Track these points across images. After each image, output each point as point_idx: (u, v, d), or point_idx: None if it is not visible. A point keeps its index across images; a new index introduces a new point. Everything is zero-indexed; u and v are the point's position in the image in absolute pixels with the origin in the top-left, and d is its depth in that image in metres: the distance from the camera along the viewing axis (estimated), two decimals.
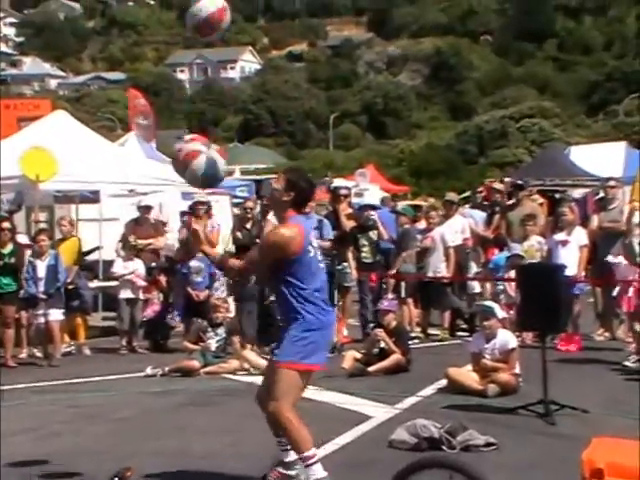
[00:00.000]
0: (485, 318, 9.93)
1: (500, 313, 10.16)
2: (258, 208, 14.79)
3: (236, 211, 18.05)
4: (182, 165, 6.31)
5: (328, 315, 6.29)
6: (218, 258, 6.67)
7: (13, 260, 12.44)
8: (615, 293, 12.68)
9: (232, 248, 13.14)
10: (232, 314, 12.83)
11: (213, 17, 6.85)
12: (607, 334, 13.23)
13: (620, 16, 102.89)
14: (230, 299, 13.33)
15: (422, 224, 14.94)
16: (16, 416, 9.01)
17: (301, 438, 5.99)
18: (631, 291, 12.08)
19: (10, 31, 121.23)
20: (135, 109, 23.93)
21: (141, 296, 13.55)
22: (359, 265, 13.65)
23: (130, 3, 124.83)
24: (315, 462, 5.98)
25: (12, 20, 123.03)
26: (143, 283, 13.56)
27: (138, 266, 13.59)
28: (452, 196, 15.71)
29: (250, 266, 6.37)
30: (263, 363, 9.54)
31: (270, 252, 6.08)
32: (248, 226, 13.35)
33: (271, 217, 13.83)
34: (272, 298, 10.03)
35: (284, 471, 6.24)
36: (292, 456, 6.19)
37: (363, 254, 13.77)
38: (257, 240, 11.65)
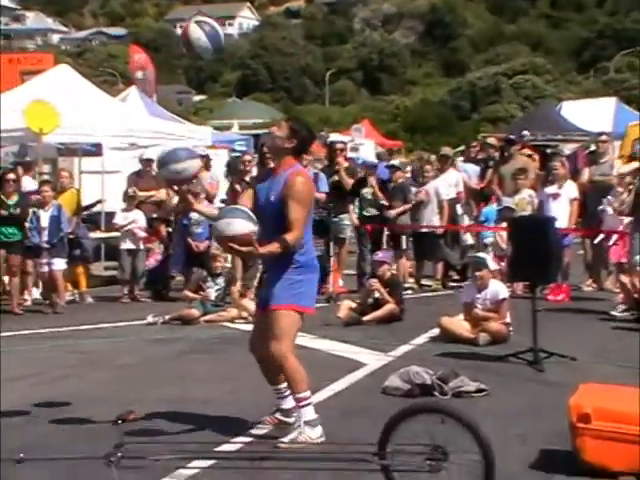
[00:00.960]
0: (477, 269, 9.94)
1: (492, 264, 10.19)
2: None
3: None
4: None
5: (317, 260, 6.29)
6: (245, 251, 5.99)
7: (18, 210, 12.41)
8: (597, 241, 12.80)
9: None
10: (230, 264, 12.82)
11: None
12: (595, 285, 13.26)
13: None
14: None
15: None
16: (21, 361, 9.06)
17: (299, 378, 6.01)
18: (613, 239, 12.16)
19: None
20: (135, 64, 23.83)
21: (141, 246, 13.55)
22: (359, 218, 13.66)
23: None
24: (308, 404, 6.03)
25: None
26: (143, 234, 13.55)
27: (139, 217, 13.58)
28: (447, 150, 15.74)
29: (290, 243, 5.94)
30: None
31: (309, 205, 6.02)
32: (247, 179, 13.31)
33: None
34: None
35: (282, 418, 6.26)
36: (290, 403, 6.21)
37: (364, 207, 13.74)
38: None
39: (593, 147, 14.98)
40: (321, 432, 5.99)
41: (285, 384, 6.20)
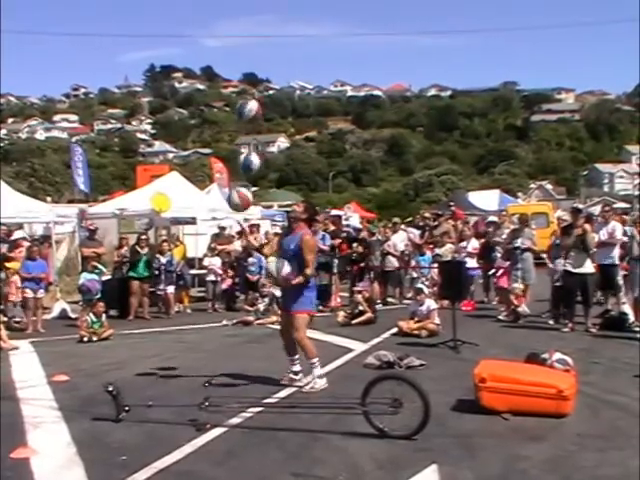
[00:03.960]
0: (418, 293, 9.96)
1: (427, 290, 10.20)
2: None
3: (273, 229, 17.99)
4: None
5: (315, 284, 6.58)
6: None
7: (148, 257, 12.49)
8: (491, 273, 12.68)
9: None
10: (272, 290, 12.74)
11: (257, 113, 7.31)
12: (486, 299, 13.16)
13: (494, 119, 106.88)
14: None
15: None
16: (149, 346, 9.07)
17: (312, 351, 6.34)
18: (500, 272, 12.14)
19: (148, 127, 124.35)
20: (214, 169, 24.08)
21: (218, 278, 13.52)
22: (350, 260, 13.59)
23: (215, 110, 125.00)
24: (318, 365, 6.35)
25: (149, 120, 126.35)
26: (220, 271, 13.56)
27: (216, 261, 13.60)
28: (399, 220, 15.67)
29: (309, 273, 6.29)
30: None
31: (313, 251, 6.42)
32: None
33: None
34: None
35: (293, 376, 6.45)
36: (299, 368, 6.46)
37: (353, 255, 13.69)
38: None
39: (490, 218, 14.89)
40: (325, 381, 6.28)
41: (297, 355, 6.43)
